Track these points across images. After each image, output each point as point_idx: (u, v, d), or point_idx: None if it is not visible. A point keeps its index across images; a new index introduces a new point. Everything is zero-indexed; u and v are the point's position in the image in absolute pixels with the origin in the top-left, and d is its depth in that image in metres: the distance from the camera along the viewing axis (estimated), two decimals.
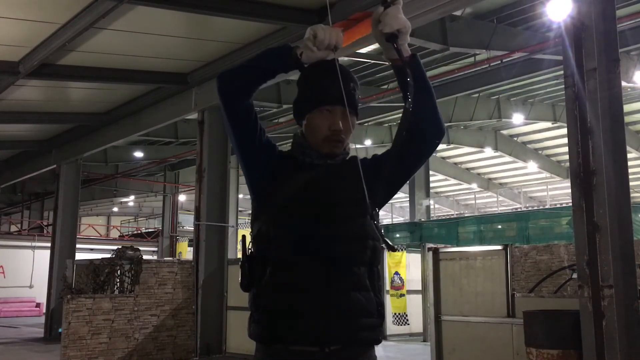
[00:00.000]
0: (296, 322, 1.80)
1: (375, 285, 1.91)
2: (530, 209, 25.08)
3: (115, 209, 36.20)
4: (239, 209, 20.26)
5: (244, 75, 1.96)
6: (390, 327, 12.95)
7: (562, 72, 6.05)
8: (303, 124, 2.01)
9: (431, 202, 20.14)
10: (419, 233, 17.02)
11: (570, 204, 5.54)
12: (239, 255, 14.70)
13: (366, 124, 20.48)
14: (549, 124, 20.93)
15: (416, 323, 12.85)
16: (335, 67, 1.98)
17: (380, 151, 2.27)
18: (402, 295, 13.09)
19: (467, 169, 27.90)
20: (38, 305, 21.52)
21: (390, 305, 13.05)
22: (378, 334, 1.90)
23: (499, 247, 7.68)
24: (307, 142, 1.98)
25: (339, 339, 1.81)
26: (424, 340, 11.87)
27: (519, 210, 25.39)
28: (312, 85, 1.98)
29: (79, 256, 14.39)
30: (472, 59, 13.84)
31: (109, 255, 10.77)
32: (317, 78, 1.98)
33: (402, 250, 13.54)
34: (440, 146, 23.31)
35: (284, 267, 1.84)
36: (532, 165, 24.78)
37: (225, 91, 1.94)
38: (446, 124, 20.73)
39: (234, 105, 1.94)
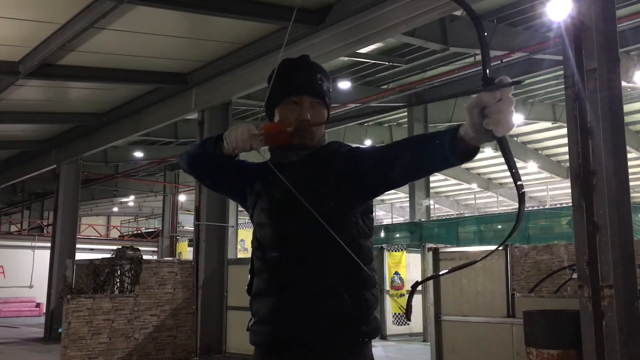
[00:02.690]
0: (273, 326, 1.84)
1: (358, 284, 1.85)
2: (530, 209, 25.07)
3: (115, 209, 36.21)
4: (239, 209, 20.26)
5: (196, 165, 2.05)
6: (390, 327, 12.96)
7: (562, 72, 6.05)
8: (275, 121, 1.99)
9: (431, 202, 20.13)
10: (419, 233, 17.00)
11: (570, 204, 5.54)
12: (239, 255, 14.70)
13: (366, 124, 20.49)
14: (549, 124, 20.95)
15: (416, 323, 12.84)
16: (302, 60, 1.99)
17: None
18: (402, 295, 13.09)
19: (467, 169, 27.90)
20: (38, 305, 21.51)
21: (390, 305, 13.05)
22: (358, 334, 1.84)
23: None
24: None
25: (311, 343, 1.80)
26: (424, 340, 11.87)
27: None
28: (278, 79, 1.96)
29: (79, 256, 14.39)
30: (472, 59, 13.85)
31: (109, 255, 10.76)
32: (282, 72, 1.98)
33: (401, 250, 13.55)
34: None
35: (263, 273, 1.89)
36: (532, 165, 24.78)
37: (189, 172, 2.09)
38: (446, 124, 20.78)
39: (203, 181, 2.09)
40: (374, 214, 2.02)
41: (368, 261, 1.89)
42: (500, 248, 7.40)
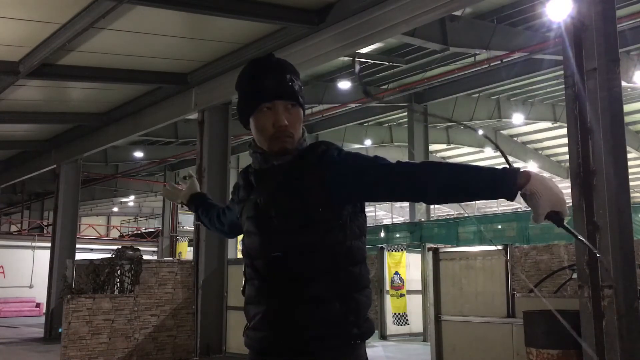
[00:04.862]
0: (265, 333, 1.86)
1: (348, 287, 1.83)
2: (530, 208, 25.02)
3: (115, 209, 36.22)
4: None
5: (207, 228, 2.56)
6: (390, 327, 12.95)
7: (562, 72, 6.05)
8: (251, 129, 1.95)
9: None
10: (419, 233, 17.00)
11: (570, 204, 5.54)
12: (239, 255, 14.64)
13: (366, 124, 20.48)
14: (549, 124, 20.95)
15: (416, 323, 12.84)
16: (269, 62, 1.95)
17: (380, 151, 2.23)
18: (402, 295, 13.09)
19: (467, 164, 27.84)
20: (38, 305, 21.51)
21: (390, 305, 13.06)
22: (350, 337, 1.82)
23: (499, 247, 7.67)
24: (257, 146, 1.93)
25: (303, 348, 1.80)
26: (424, 340, 11.87)
27: (519, 210, 25.39)
28: (248, 86, 1.93)
29: (79, 256, 14.39)
30: (472, 59, 13.85)
31: (109, 255, 10.76)
32: (251, 78, 1.93)
33: (401, 250, 13.55)
34: (440, 146, 23.39)
35: (254, 280, 1.91)
36: (532, 165, 24.76)
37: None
38: (446, 124, 20.80)
39: (225, 236, 2.58)
40: (374, 212, 1.98)
41: (360, 261, 1.87)
42: (500, 248, 7.41)
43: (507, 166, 1.68)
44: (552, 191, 1.61)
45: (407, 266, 13.34)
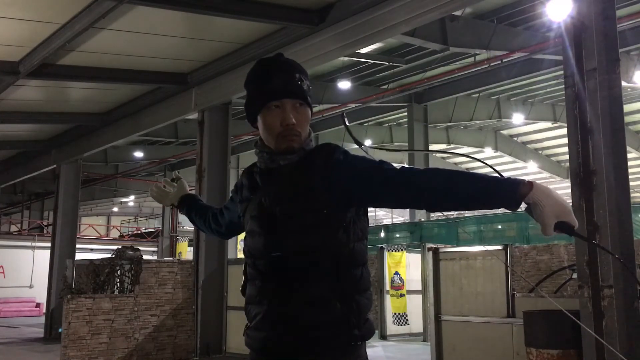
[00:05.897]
0: (266, 333, 1.85)
1: (350, 288, 1.83)
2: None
3: (115, 209, 36.21)
4: None
5: (201, 230, 2.56)
6: (390, 327, 12.96)
7: (562, 72, 6.05)
8: (259, 127, 1.95)
9: None
10: (419, 233, 16.99)
11: (570, 204, 5.54)
12: (239, 255, 14.64)
13: (366, 124, 20.49)
14: (549, 124, 20.96)
15: (416, 323, 12.84)
16: (278, 61, 1.95)
17: (379, 151, 2.22)
18: (402, 295, 13.09)
19: (467, 169, 27.90)
20: (38, 305, 21.52)
21: (390, 305, 13.06)
22: (351, 338, 1.82)
23: (499, 247, 7.67)
24: (264, 145, 1.94)
25: (304, 348, 1.80)
26: (424, 340, 11.87)
27: (519, 210, 25.36)
28: (257, 84, 1.94)
29: (79, 256, 14.38)
30: (472, 59, 13.85)
31: (109, 255, 10.76)
32: (260, 76, 1.94)
33: (401, 250, 13.55)
34: (440, 146, 23.38)
35: (255, 280, 1.91)
36: (532, 165, 24.78)
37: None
38: (446, 124, 20.80)
39: (221, 236, 2.51)
40: (374, 212, 1.99)
41: (361, 263, 1.87)
42: (500, 248, 7.42)
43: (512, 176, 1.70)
44: (555, 201, 1.63)
45: (407, 266, 13.34)
